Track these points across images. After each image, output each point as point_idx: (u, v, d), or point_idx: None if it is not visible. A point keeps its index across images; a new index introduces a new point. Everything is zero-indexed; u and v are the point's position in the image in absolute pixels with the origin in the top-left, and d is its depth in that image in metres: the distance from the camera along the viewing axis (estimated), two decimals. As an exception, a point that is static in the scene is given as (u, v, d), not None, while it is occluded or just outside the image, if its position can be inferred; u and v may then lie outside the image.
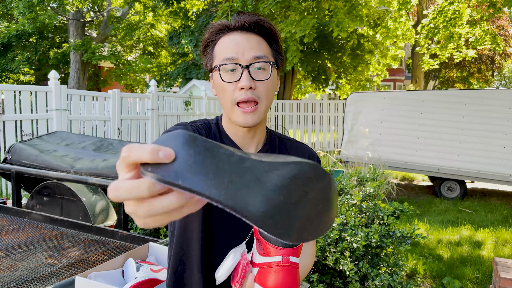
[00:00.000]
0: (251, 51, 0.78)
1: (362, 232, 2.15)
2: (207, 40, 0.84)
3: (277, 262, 0.63)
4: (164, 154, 0.34)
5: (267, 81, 0.80)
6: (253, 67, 0.79)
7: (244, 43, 0.79)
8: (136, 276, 1.34)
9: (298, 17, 6.81)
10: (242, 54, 0.78)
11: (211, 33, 0.83)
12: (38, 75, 14.75)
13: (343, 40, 10.21)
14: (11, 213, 2.23)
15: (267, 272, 0.64)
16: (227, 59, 0.78)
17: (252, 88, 0.78)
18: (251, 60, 0.78)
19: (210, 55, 0.83)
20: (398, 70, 20.53)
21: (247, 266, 0.68)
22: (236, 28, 0.81)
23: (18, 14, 10.68)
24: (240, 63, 0.78)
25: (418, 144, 6.28)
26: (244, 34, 0.80)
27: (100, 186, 2.06)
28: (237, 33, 0.81)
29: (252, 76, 0.78)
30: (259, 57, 0.79)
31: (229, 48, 0.79)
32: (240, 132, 0.85)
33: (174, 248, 0.86)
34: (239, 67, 0.78)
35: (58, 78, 4.92)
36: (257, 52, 0.79)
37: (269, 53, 0.82)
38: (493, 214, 5.38)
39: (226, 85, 0.79)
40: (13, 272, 1.53)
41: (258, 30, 0.81)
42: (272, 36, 0.84)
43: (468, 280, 3.26)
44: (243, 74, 0.77)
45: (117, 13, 13.98)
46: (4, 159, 2.78)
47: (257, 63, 0.79)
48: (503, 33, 15.62)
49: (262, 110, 0.80)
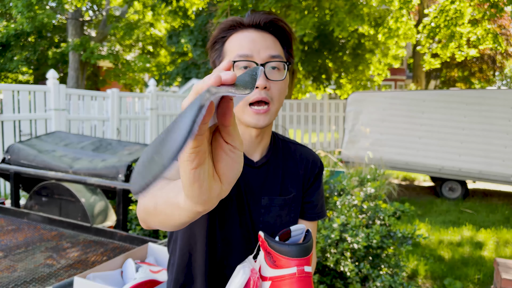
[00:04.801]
0: (267, 50, 0.76)
1: (363, 232, 2.14)
2: (216, 37, 0.81)
3: (292, 274, 0.61)
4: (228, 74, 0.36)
5: (281, 82, 0.78)
6: (268, 66, 0.76)
7: (260, 40, 0.76)
8: (135, 277, 1.33)
9: (299, 15, 6.80)
10: (257, 52, 0.75)
11: (222, 30, 0.80)
12: (36, 74, 14.74)
13: (344, 39, 10.20)
14: (9, 214, 2.21)
15: (282, 285, 0.61)
16: (242, 56, 0.75)
17: (266, 88, 0.75)
18: (267, 59, 0.76)
19: (219, 52, 0.81)
20: (399, 69, 20.52)
21: (258, 281, 0.65)
22: (250, 26, 0.78)
23: (17, 13, 10.67)
24: (255, 61, 0.75)
25: (419, 144, 6.27)
26: (259, 32, 0.78)
27: (99, 186, 2.04)
28: (252, 30, 0.78)
29: (267, 75, 0.76)
30: (275, 56, 0.76)
31: (244, 45, 0.76)
32: (247, 135, 0.82)
33: (177, 259, 0.84)
34: (254, 65, 0.75)
35: (56, 78, 4.91)
36: (273, 51, 0.77)
37: (283, 53, 0.80)
38: (494, 215, 5.37)
39: None
40: (11, 273, 1.51)
41: (273, 30, 0.79)
42: (286, 37, 0.81)
43: (469, 281, 3.24)
44: None
45: (116, 12, 13.96)
46: (3, 159, 2.77)
47: (272, 62, 0.76)
48: (504, 32, 15.61)
49: (274, 111, 0.78)
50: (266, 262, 0.64)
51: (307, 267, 0.61)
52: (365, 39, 10.45)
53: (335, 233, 2.09)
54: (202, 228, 0.79)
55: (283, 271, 0.61)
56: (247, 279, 0.65)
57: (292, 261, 0.61)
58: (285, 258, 0.61)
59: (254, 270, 0.67)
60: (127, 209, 2.11)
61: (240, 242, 0.80)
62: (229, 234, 0.80)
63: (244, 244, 0.79)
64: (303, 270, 0.61)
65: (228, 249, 0.80)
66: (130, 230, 2.67)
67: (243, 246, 0.79)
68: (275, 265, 0.62)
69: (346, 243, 2.09)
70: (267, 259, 0.64)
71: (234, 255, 0.79)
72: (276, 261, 0.62)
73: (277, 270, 0.62)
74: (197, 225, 0.79)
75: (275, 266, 0.62)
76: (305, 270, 0.61)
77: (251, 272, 0.66)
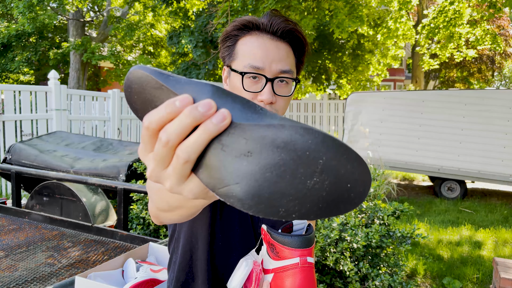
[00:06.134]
0: (279, 64, 0.75)
1: (362, 232, 2.15)
2: (229, 33, 0.79)
3: (295, 264, 0.61)
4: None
5: (287, 98, 0.78)
6: (276, 80, 0.76)
7: (273, 51, 0.75)
8: (136, 276, 1.34)
9: (298, 16, 6.81)
10: (269, 65, 0.75)
11: (236, 27, 0.79)
12: (38, 75, 14.75)
13: (344, 40, 10.21)
14: (11, 213, 2.23)
15: (284, 275, 0.62)
16: (253, 67, 0.75)
17: (272, 103, 0.76)
18: (277, 73, 0.75)
19: (231, 51, 0.79)
20: (398, 70, 20.52)
21: (260, 274, 0.66)
22: (267, 31, 0.77)
23: (18, 14, 10.68)
24: (265, 74, 0.75)
25: (418, 144, 6.28)
26: (274, 41, 0.76)
27: (100, 186, 2.06)
28: (266, 37, 0.76)
29: (274, 89, 0.76)
30: (285, 71, 0.76)
31: (257, 54, 0.75)
32: None
33: (179, 257, 0.84)
34: (263, 78, 0.75)
35: (58, 78, 4.92)
36: (285, 65, 0.76)
37: (294, 64, 0.79)
38: (493, 214, 5.38)
39: (244, 92, 0.76)
40: (13, 272, 1.53)
41: (289, 39, 0.78)
42: (302, 47, 0.80)
43: (468, 280, 3.26)
44: (266, 87, 0.74)
45: (117, 13, 13.98)
46: (4, 159, 2.78)
47: (281, 77, 0.76)
48: (503, 33, 15.62)
49: None
50: (269, 254, 0.65)
51: (310, 258, 0.62)
52: (365, 39, 10.46)
53: (334, 233, 2.10)
54: (204, 226, 0.79)
55: (286, 262, 0.62)
56: (250, 272, 0.66)
57: (295, 251, 0.61)
58: (288, 249, 0.61)
59: (256, 262, 0.67)
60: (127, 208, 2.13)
61: (240, 241, 0.80)
62: (229, 233, 0.81)
63: (244, 242, 0.80)
64: (305, 260, 0.61)
65: (228, 247, 0.81)
66: (131, 229, 2.69)
67: (243, 244, 0.80)
68: (278, 256, 0.63)
69: (346, 242, 2.10)
70: (270, 251, 0.65)
71: (234, 253, 0.80)
72: (279, 252, 0.62)
73: (280, 261, 0.62)
74: (199, 223, 0.80)
75: (278, 257, 0.63)
76: (308, 260, 0.62)
77: (253, 265, 0.67)
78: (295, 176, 0.29)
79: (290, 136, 0.29)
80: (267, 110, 0.32)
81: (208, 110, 0.30)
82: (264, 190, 0.30)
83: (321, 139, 0.29)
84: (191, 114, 0.29)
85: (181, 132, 0.30)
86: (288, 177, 0.30)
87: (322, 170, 0.29)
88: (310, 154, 0.29)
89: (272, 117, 0.31)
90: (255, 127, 0.30)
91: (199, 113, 0.29)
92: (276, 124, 0.29)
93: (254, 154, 0.30)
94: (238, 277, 0.65)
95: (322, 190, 0.30)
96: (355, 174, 0.30)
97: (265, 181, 0.30)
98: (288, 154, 0.29)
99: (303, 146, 0.29)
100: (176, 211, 0.52)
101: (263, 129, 0.29)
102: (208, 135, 0.30)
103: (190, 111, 0.30)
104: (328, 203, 0.31)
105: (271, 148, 0.29)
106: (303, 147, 0.29)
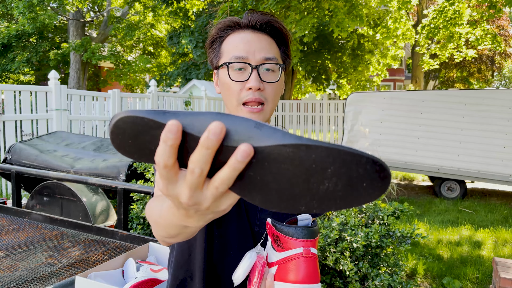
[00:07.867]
0: (261, 52, 0.77)
1: (362, 232, 2.15)
2: (214, 36, 0.82)
3: (299, 254, 0.62)
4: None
5: (275, 84, 0.79)
6: (262, 68, 0.77)
7: (255, 42, 0.78)
8: (136, 276, 1.34)
9: (298, 16, 6.81)
10: (252, 54, 0.77)
11: (219, 29, 0.81)
12: (38, 75, 14.75)
13: (343, 40, 10.21)
14: (11, 213, 2.23)
15: (288, 266, 0.63)
16: (237, 58, 0.77)
17: (260, 90, 0.77)
18: (261, 60, 0.77)
19: (216, 52, 0.82)
20: (398, 70, 20.53)
21: (264, 267, 0.66)
22: (247, 27, 0.79)
23: (18, 14, 10.69)
24: (250, 62, 0.77)
25: (418, 144, 6.28)
26: (255, 33, 0.79)
27: (100, 186, 2.06)
28: (248, 31, 0.79)
29: (261, 77, 0.77)
30: (270, 59, 0.78)
31: (239, 47, 0.77)
32: None
33: (175, 256, 0.85)
34: (248, 67, 0.77)
35: (58, 78, 4.93)
36: (268, 53, 0.78)
37: (279, 55, 0.81)
38: (493, 214, 5.38)
39: (233, 83, 0.77)
40: (13, 272, 1.53)
41: (269, 31, 0.80)
42: (283, 38, 0.82)
43: (468, 280, 3.26)
44: (252, 75, 0.76)
45: (117, 13, 13.98)
46: (4, 159, 2.79)
47: (267, 64, 0.78)
48: (503, 33, 15.62)
49: (268, 111, 0.79)
50: (273, 247, 0.66)
51: (313, 249, 0.63)
52: (364, 39, 10.47)
53: (334, 232, 2.10)
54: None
55: (290, 252, 0.63)
56: (253, 264, 0.67)
57: (299, 241, 0.62)
58: (293, 239, 0.62)
59: (260, 255, 0.68)
60: (128, 208, 2.13)
61: (237, 240, 0.80)
62: (226, 232, 0.81)
63: (241, 241, 0.80)
64: (309, 250, 0.62)
65: (225, 246, 0.81)
66: (131, 229, 2.69)
67: (240, 243, 0.80)
68: (282, 248, 0.64)
69: (346, 242, 2.10)
70: (274, 243, 0.65)
71: (231, 252, 0.80)
72: (284, 243, 0.63)
73: (284, 252, 0.63)
74: None
75: (282, 248, 0.64)
76: (311, 251, 0.63)
77: (257, 257, 0.68)
78: (309, 182, 0.32)
79: (293, 154, 0.31)
80: (267, 124, 0.34)
81: (219, 134, 0.32)
82: (283, 195, 0.34)
83: (325, 153, 0.31)
84: (207, 144, 0.32)
85: (207, 161, 0.33)
86: (301, 184, 0.33)
87: (331, 177, 0.32)
88: (316, 166, 0.31)
89: (282, 134, 0.33)
90: (265, 149, 0.33)
91: (211, 141, 0.32)
92: (280, 144, 0.32)
93: (266, 169, 0.33)
94: (241, 269, 0.67)
95: (337, 191, 0.33)
96: (370, 175, 0.32)
97: (281, 188, 0.33)
98: (297, 168, 0.32)
99: (308, 161, 0.31)
100: (178, 236, 0.55)
101: (270, 149, 0.32)
102: (238, 171, 0.33)
103: (205, 141, 0.32)
104: (346, 199, 0.33)
105: (279, 164, 0.32)
106: (308, 162, 0.31)
